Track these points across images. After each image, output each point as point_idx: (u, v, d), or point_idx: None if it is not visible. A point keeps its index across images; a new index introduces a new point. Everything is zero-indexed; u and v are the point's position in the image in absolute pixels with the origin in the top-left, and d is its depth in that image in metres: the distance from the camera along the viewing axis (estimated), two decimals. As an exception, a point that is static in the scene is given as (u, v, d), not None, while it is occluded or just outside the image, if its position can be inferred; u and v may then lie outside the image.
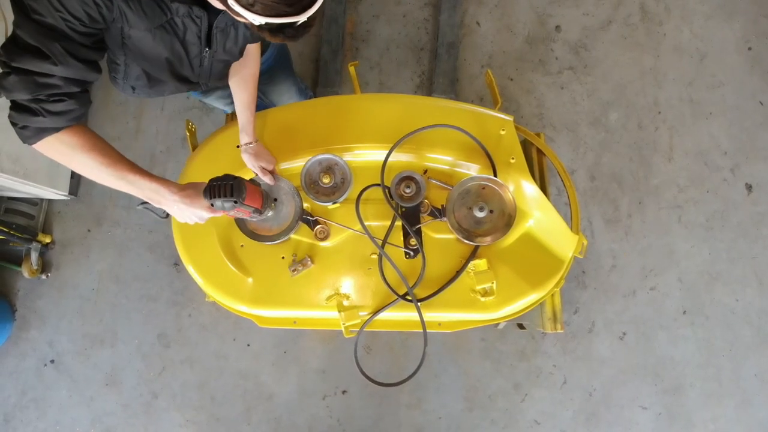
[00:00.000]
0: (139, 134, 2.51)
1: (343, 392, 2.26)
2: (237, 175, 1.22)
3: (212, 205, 1.18)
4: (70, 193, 2.38)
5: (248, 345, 2.31)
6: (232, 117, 1.81)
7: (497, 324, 2.07)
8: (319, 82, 2.43)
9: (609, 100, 2.49)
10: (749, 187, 2.42)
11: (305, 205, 1.54)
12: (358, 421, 2.24)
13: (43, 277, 2.37)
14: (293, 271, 1.50)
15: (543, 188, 1.68)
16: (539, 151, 1.75)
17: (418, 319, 1.47)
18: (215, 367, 2.30)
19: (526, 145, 1.77)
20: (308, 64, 2.53)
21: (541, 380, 2.27)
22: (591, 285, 2.35)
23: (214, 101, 1.79)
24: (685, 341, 2.30)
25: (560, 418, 2.25)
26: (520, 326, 2.24)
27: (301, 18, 0.88)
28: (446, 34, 2.49)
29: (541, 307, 1.73)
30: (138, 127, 2.51)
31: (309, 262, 1.51)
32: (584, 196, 2.42)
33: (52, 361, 2.31)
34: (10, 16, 1.94)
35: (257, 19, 0.87)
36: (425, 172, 1.57)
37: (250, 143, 1.50)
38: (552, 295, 1.72)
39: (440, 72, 2.46)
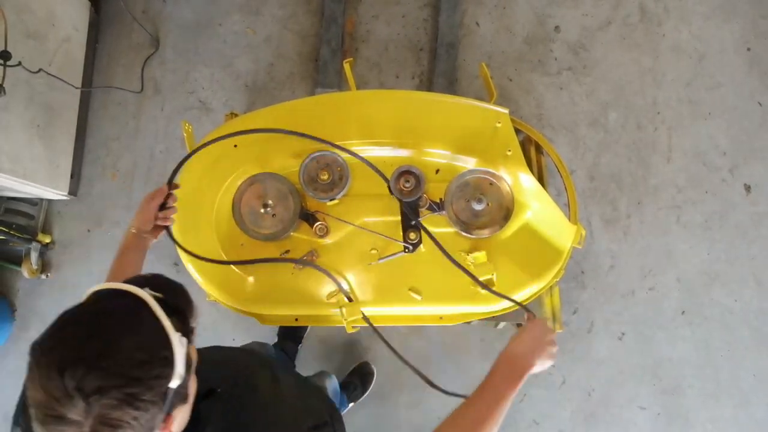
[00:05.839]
0: (138, 134, 2.51)
1: (343, 392, 2.27)
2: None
3: None
4: (70, 193, 2.38)
5: (248, 345, 2.31)
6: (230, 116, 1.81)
7: (496, 324, 2.07)
8: (319, 82, 2.44)
9: (608, 101, 2.50)
10: (748, 188, 2.42)
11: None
12: (357, 421, 2.24)
13: (43, 277, 2.38)
14: (300, 266, 1.51)
15: (542, 186, 1.68)
16: (537, 150, 1.76)
17: (422, 313, 1.47)
18: (215, 367, 2.30)
19: (524, 144, 1.77)
20: (308, 64, 2.54)
21: (539, 380, 2.28)
22: (590, 285, 2.35)
23: None
24: (683, 341, 2.30)
25: (559, 418, 2.25)
26: (519, 326, 2.24)
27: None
28: (445, 35, 2.49)
29: (540, 306, 1.74)
30: (137, 127, 2.52)
31: (315, 256, 1.52)
32: (583, 196, 2.42)
33: (52, 361, 2.31)
34: (11, 15, 1.96)
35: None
36: (437, 171, 1.58)
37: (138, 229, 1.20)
38: (551, 294, 1.73)
39: (439, 72, 2.46)
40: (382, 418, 2.24)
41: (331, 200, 1.53)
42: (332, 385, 1.80)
